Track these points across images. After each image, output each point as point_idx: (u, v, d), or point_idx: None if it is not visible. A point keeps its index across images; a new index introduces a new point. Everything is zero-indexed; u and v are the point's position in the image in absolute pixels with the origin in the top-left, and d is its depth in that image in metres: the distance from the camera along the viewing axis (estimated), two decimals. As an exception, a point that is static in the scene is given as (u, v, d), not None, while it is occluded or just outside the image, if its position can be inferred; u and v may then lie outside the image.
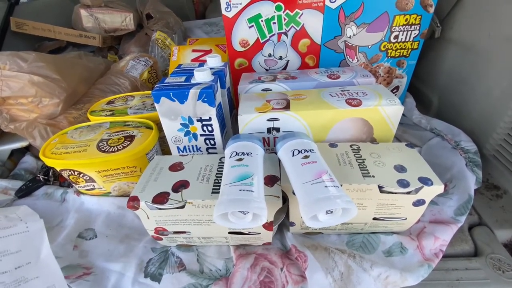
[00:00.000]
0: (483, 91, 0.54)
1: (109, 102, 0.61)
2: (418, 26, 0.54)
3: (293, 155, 0.35)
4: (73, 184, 0.51)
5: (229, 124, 0.56)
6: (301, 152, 0.35)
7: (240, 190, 0.31)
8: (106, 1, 1.01)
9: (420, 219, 0.42)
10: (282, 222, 0.43)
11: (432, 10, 0.52)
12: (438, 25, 0.60)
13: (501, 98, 0.50)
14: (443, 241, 0.40)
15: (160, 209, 0.35)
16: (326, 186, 0.30)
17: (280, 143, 0.38)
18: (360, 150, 0.41)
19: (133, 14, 1.01)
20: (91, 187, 0.50)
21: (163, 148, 0.53)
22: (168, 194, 0.35)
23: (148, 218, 0.36)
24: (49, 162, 0.46)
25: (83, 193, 0.52)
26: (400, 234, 0.41)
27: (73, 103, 0.64)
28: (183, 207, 0.35)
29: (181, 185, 0.36)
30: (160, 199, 0.35)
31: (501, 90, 0.50)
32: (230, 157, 0.36)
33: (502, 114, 0.49)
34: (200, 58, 0.73)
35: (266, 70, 0.63)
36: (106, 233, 0.47)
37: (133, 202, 0.35)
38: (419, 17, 0.53)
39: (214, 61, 0.51)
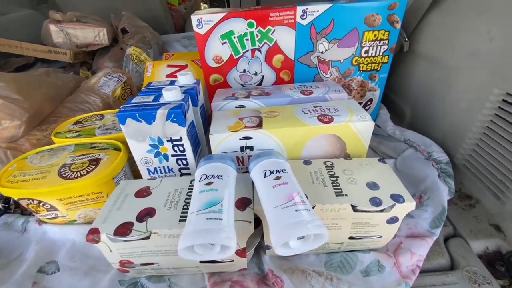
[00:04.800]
0: (451, 103, 0.55)
1: (77, 122, 0.58)
2: (386, 41, 0.56)
3: (264, 176, 0.34)
4: (34, 214, 0.47)
5: (204, 142, 0.54)
6: (273, 173, 0.34)
7: (207, 219, 0.29)
8: (79, 16, 0.98)
9: (396, 233, 0.41)
10: (259, 243, 0.41)
11: (398, 26, 0.54)
12: (406, 39, 0.63)
13: (468, 110, 0.51)
14: (420, 256, 0.40)
15: (123, 241, 0.32)
16: (297, 210, 0.29)
17: (252, 163, 0.37)
18: (333, 167, 0.40)
19: (107, 29, 0.98)
20: (54, 215, 0.46)
21: (135, 169, 0.51)
22: (131, 224, 0.33)
23: (111, 251, 0.34)
24: (4, 192, 0.42)
25: (45, 222, 0.48)
26: (377, 250, 0.41)
27: (37, 123, 0.60)
28: (148, 237, 0.32)
29: (146, 214, 0.34)
30: (123, 230, 0.32)
31: (467, 103, 0.51)
32: (199, 181, 0.35)
33: (470, 125, 0.50)
34: (175, 74, 0.72)
35: (242, 85, 0.63)
36: (70, 266, 0.44)
37: (93, 235, 0.32)
38: (387, 32, 0.55)
39: (185, 78, 0.50)
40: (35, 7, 1.32)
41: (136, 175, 0.51)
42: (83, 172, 0.42)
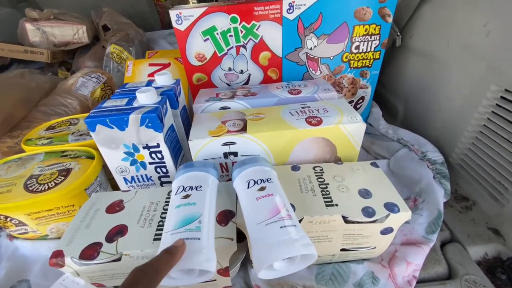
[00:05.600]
0: (445, 100, 0.53)
1: (50, 128, 0.54)
2: (378, 36, 0.53)
3: (248, 187, 0.31)
4: (3, 229, 0.43)
5: (187, 148, 0.51)
6: (257, 183, 0.31)
7: (183, 239, 0.26)
8: (57, 13, 0.92)
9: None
10: (245, 257, 0.38)
11: (390, 19, 0.51)
12: (398, 34, 0.60)
13: (463, 106, 0.49)
14: (416, 265, 0.37)
15: (90, 265, 0.29)
16: (282, 227, 0.26)
17: (235, 172, 0.34)
18: (323, 173, 0.37)
19: (87, 26, 0.93)
20: (24, 231, 0.42)
21: (112, 177, 0.47)
22: (100, 245, 0.30)
23: (78, 275, 0.30)
24: (-35, 207, 0.38)
25: (16, 238, 0.45)
26: (371, 260, 0.38)
27: (7, 130, 0.56)
28: (119, 259, 0.29)
29: (117, 232, 0.31)
30: (90, 252, 0.29)
31: (462, 99, 0.49)
32: (176, 193, 0.31)
33: (465, 123, 0.48)
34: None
35: (228, 84, 0.59)
36: (42, 285, 0.40)
37: (57, 258, 0.29)
38: (378, 27, 0.52)
39: (164, 78, 0.46)
40: (15, 5, 1.26)
41: (114, 184, 0.47)
42: (51, 185, 0.39)
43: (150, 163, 0.42)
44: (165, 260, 0.23)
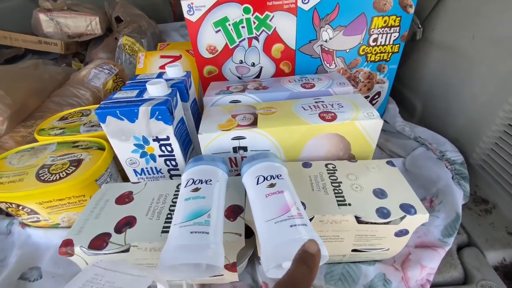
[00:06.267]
0: (468, 97, 0.50)
1: (62, 118, 0.54)
2: (398, 28, 0.50)
3: (257, 183, 0.30)
4: (15, 216, 0.44)
5: (197, 141, 0.50)
6: (267, 179, 0.30)
7: (191, 232, 0.26)
8: (70, 4, 0.93)
9: (405, 243, 0.37)
10: (253, 253, 0.38)
11: (412, 10, 0.48)
12: (419, 26, 0.57)
13: (487, 104, 0.46)
14: (430, 269, 0.36)
15: (98, 255, 0.29)
16: (292, 226, 0.25)
17: (245, 167, 0.33)
18: (336, 170, 0.36)
19: (100, 18, 0.93)
20: (36, 219, 0.43)
21: (123, 168, 0.47)
22: (109, 235, 0.30)
23: (88, 265, 0.31)
24: (-20, 195, 0.39)
25: (28, 225, 0.46)
26: (383, 262, 0.37)
27: (22, 119, 0.57)
28: (127, 251, 0.29)
29: (126, 223, 0.31)
30: (99, 242, 0.29)
31: (487, 96, 0.46)
32: (185, 186, 0.31)
33: (489, 122, 0.45)
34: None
35: (239, 77, 0.58)
36: (53, 273, 0.41)
37: (66, 247, 0.29)
38: (399, 18, 0.49)
39: (174, 71, 0.45)
40: (28, -5, 1.28)
41: (124, 175, 0.47)
42: (63, 174, 0.39)
43: (160, 156, 0.42)
44: (303, 274, 0.20)
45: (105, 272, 0.26)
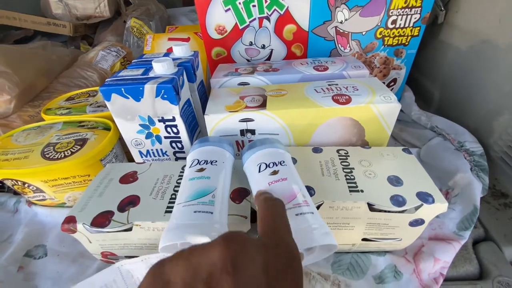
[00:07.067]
0: (492, 85, 0.47)
1: (69, 99, 0.54)
2: (419, 9, 0.47)
3: (259, 171, 0.28)
4: (22, 194, 0.44)
5: (203, 124, 0.49)
6: (269, 167, 0.28)
7: (194, 211, 0.25)
8: (79, -15, 0.92)
9: (417, 235, 0.36)
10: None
11: (436, -11, 0.45)
12: (442, 8, 0.53)
13: (511, 93, 0.43)
14: (444, 262, 0.34)
15: (101, 232, 0.28)
16: (298, 214, 0.24)
17: (245, 154, 0.31)
18: (348, 156, 0.34)
19: (109, 0, 0.92)
20: (41, 197, 0.43)
21: (128, 150, 0.47)
22: (111, 213, 0.29)
23: (91, 242, 0.30)
24: (-14, 171, 0.39)
25: (34, 204, 0.46)
26: (394, 253, 0.36)
27: (30, 99, 0.57)
28: (130, 229, 0.28)
29: (129, 202, 0.30)
30: (101, 220, 0.28)
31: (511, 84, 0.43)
32: (190, 166, 0.30)
33: (513, 112, 0.43)
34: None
35: (248, 60, 0.56)
36: (58, 251, 0.41)
37: (69, 224, 0.29)
38: (421, -2, 0.46)
39: (181, 50, 0.44)
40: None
41: (130, 157, 0.47)
42: (68, 153, 0.38)
43: (165, 137, 0.40)
44: (278, 205, 0.23)
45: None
